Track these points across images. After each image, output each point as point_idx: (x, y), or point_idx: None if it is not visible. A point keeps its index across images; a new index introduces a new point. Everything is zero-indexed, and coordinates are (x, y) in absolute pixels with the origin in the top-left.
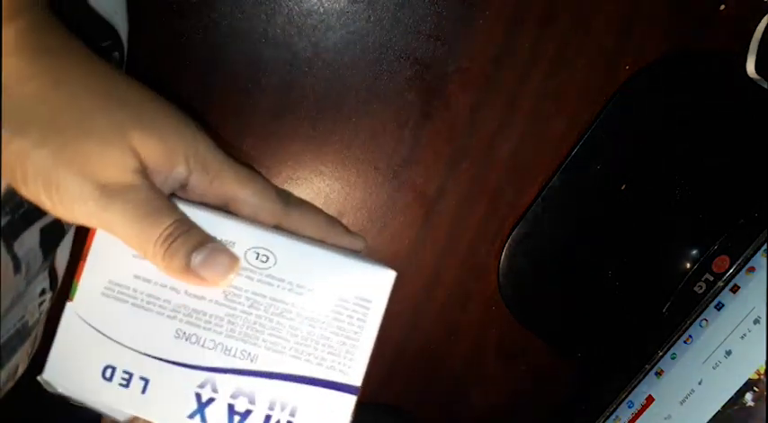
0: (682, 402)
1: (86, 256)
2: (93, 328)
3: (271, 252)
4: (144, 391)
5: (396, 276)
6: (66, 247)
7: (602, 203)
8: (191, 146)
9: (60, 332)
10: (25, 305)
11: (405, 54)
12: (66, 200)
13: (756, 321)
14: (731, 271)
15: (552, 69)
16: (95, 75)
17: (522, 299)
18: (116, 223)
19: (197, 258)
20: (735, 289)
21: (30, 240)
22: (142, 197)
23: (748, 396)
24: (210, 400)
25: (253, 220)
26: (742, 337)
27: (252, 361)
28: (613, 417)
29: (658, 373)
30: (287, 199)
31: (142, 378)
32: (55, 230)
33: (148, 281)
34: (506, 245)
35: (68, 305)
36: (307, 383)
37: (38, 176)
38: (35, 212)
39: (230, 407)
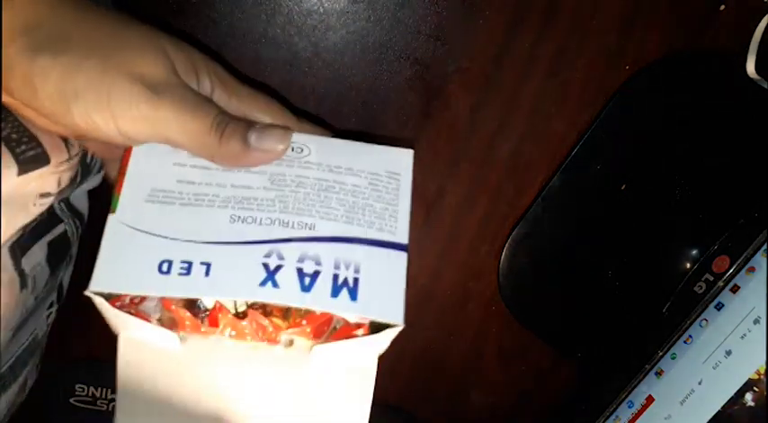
0: (682, 402)
1: (125, 169)
2: (140, 231)
3: (304, 145)
4: (207, 274)
5: (413, 153)
6: (69, 271)
7: (602, 203)
8: (210, 65)
9: (105, 242)
10: (36, 320)
11: (405, 54)
12: (119, 105)
13: (756, 321)
14: (731, 271)
15: (552, 69)
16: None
17: (522, 299)
18: (168, 119)
19: (253, 135)
20: (735, 289)
21: (37, 255)
22: (186, 93)
23: (748, 396)
24: (279, 267)
25: None
26: (742, 337)
27: (310, 229)
28: (613, 417)
29: (658, 373)
30: (298, 120)
31: (203, 263)
32: (62, 244)
33: (192, 182)
34: (506, 245)
35: (110, 217)
36: (364, 243)
37: (89, 88)
38: (43, 226)
39: (299, 270)
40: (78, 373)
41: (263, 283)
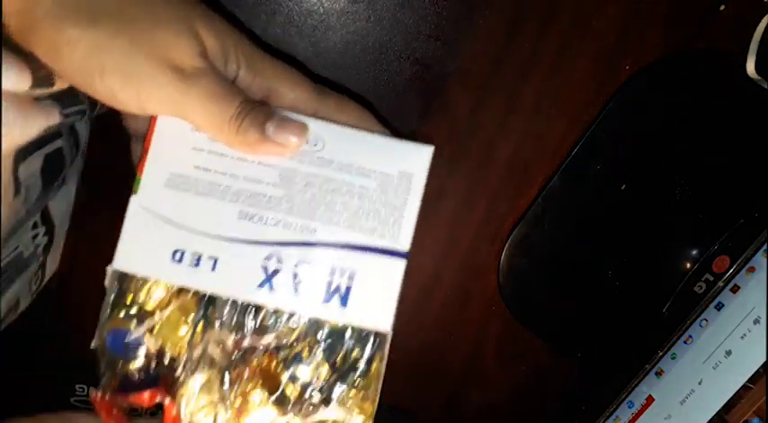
0: (682, 402)
1: (147, 151)
2: (158, 216)
3: (319, 137)
4: (214, 268)
5: (433, 150)
6: (63, 204)
7: (602, 203)
8: (238, 42)
9: (127, 223)
10: (19, 236)
11: (405, 54)
12: (145, 88)
13: (756, 321)
14: (731, 271)
15: (552, 69)
16: None
17: (522, 299)
18: (194, 106)
19: (270, 127)
20: (735, 289)
21: (34, 165)
22: (213, 80)
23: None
24: (276, 271)
25: (294, 111)
26: (742, 337)
27: (311, 233)
28: (613, 417)
29: (658, 373)
30: (321, 90)
31: (211, 257)
32: (57, 159)
33: (208, 170)
34: (506, 245)
35: (133, 198)
36: (362, 250)
37: (116, 66)
38: (45, 138)
39: (295, 275)
40: (78, 374)
41: (261, 285)
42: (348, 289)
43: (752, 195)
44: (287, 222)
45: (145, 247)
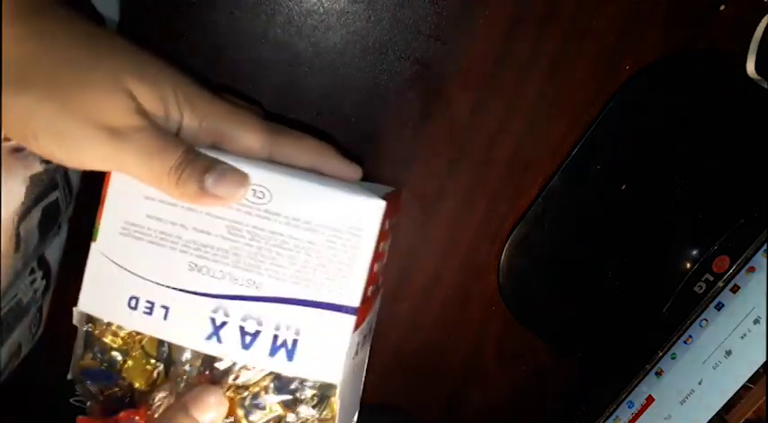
0: (682, 402)
1: (104, 200)
2: (115, 264)
3: (266, 188)
4: (165, 317)
5: (385, 206)
6: (57, 246)
7: (602, 203)
8: (178, 86)
9: (88, 269)
10: (18, 284)
11: (405, 54)
12: (79, 148)
13: (756, 321)
14: (731, 271)
15: (552, 69)
16: (84, 32)
17: (522, 299)
18: (130, 162)
19: (209, 179)
20: (735, 289)
21: (33, 219)
22: (150, 135)
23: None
24: (224, 324)
25: (246, 157)
26: (742, 338)
27: (257, 288)
28: (613, 417)
29: (658, 373)
30: (276, 130)
31: (163, 306)
32: (54, 210)
33: (159, 219)
34: (506, 245)
35: (93, 246)
36: (308, 306)
37: (48, 130)
38: (43, 190)
39: (241, 328)
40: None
41: (209, 337)
42: (295, 342)
43: (752, 195)
44: (233, 276)
45: (104, 292)
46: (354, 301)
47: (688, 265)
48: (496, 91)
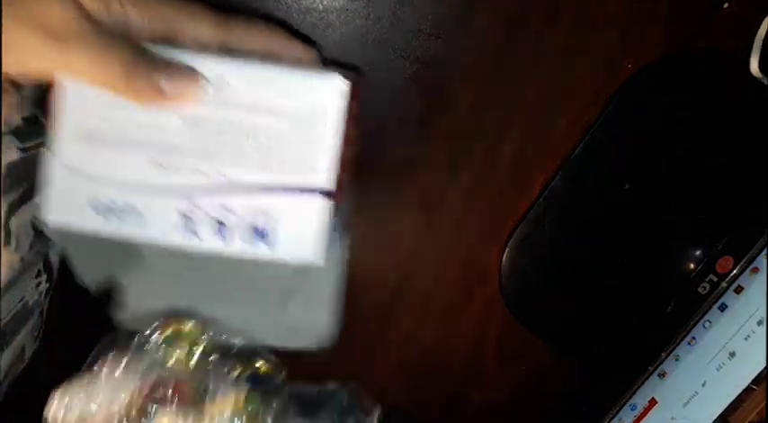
0: (685, 404)
1: (57, 106)
2: (77, 171)
3: (222, 78)
4: (137, 218)
5: (347, 82)
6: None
7: (604, 204)
8: None
9: (50, 182)
10: (24, 286)
11: (405, 53)
12: (27, 56)
13: (760, 322)
14: (735, 272)
15: (553, 69)
16: None
17: (523, 299)
18: (78, 67)
19: (161, 80)
20: (738, 290)
21: (25, 216)
22: (96, 37)
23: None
24: (195, 216)
25: (198, 49)
26: (746, 339)
27: (225, 178)
28: (617, 419)
29: (661, 375)
30: (225, 17)
31: (132, 207)
32: None
33: (114, 121)
34: (508, 245)
35: (48, 154)
36: (280, 192)
37: None
38: (32, 188)
39: (215, 220)
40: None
41: (181, 230)
42: (272, 229)
43: (756, 195)
44: (199, 168)
45: (70, 202)
46: (325, 181)
47: (691, 266)
48: (497, 90)
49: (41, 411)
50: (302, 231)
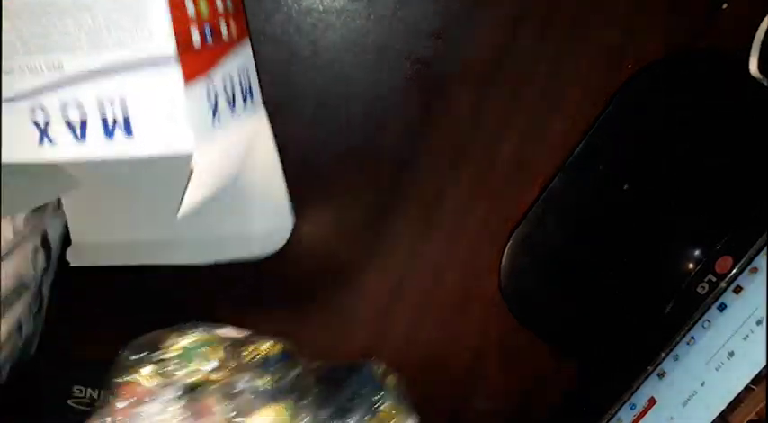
0: (684, 404)
1: None
2: None
3: None
4: None
5: None
6: (59, 226)
7: (603, 204)
8: None
9: None
10: (19, 259)
11: (405, 53)
12: None
13: (759, 322)
14: (734, 272)
15: (554, 69)
16: None
17: (523, 299)
18: None
19: None
20: (738, 290)
21: None
22: None
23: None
24: (47, 123)
25: None
26: (745, 339)
27: (59, 68)
28: (615, 419)
29: (660, 375)
30: None
31: None
32: None
33: None
34: (507, 245)
35: None
36: (121, 71)
37: None
38: None
39: (67, 122)
40: (76, 375)
41: (40, 142)
42: (127, 118)
43: (756, 195)
44: (29, 65)
45: None
46: (165, 47)
47: (690, 266)
48: (497, 90)
49: (41, 400)
50: (162, 117)
